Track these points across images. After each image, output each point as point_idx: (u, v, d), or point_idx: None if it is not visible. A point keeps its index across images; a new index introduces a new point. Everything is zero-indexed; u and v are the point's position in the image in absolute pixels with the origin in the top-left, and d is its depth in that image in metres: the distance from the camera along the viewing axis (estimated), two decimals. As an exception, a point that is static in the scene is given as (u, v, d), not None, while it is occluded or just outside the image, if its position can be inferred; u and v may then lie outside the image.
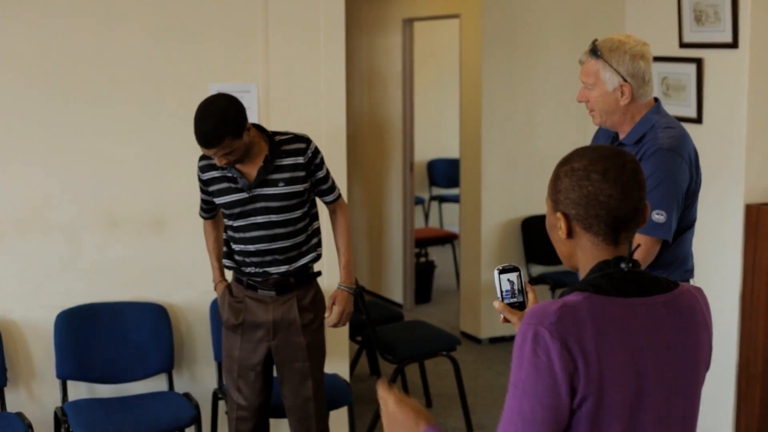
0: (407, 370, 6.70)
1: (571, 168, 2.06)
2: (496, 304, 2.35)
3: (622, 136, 3.74)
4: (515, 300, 2.37)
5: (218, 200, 4.33)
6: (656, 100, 3.79)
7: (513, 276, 2.37)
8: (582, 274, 2.09)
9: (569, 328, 1.92)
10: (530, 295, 2.38)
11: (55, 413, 4.79)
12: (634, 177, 2.04)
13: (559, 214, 2.08)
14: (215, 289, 4.61)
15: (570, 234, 2.08)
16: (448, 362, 6.35)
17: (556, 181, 2.09)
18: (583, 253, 2.09)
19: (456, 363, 6.06)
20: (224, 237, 4.49)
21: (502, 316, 2.38)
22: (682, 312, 2.07)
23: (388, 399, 2.17)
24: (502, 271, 2.36)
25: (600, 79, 3.68)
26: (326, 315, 4.56)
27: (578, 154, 2.09)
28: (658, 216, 3.56)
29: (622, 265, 2.03)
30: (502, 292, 2.36)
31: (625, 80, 3.64)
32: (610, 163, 2.03)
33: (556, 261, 7.04)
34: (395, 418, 2.14)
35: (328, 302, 4.55)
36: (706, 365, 2.12)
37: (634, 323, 1.99)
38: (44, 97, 4.87)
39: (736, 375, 5.48)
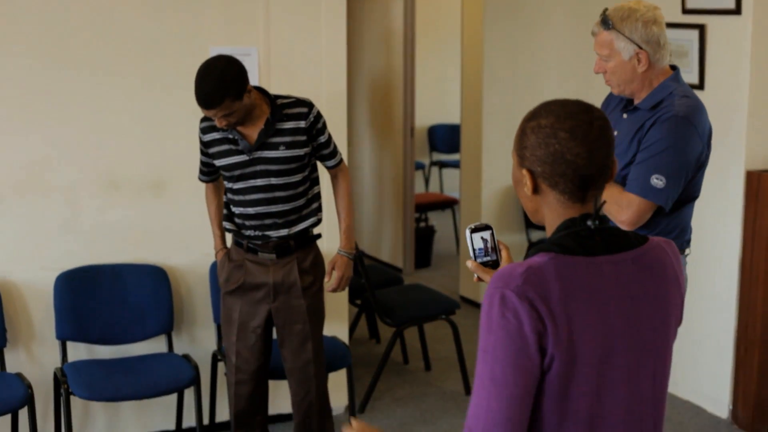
0: (406, 333, 6.71)
1: (538, 124, 2.02)
2: (469, 263, 2.32)
3: (637, 102, 3.72)
4: (488, 258, 2.33)
5: (218, 162, 4.32)
6: (675, 68, 3.76)
7: (486, 234, 2.33)
8: (548, 232, 2.06)
9: (536, 289, 1.90)
10: (504, 253, 2.35)
11: (55, 374, 4.80)
12: (602, 134, 2.00)
13: (524, 171, 2.05)
14: (216, 257, 4.61)
15: (536, 190, 2.05)
16: (447, 326, 6.35)
17: (522, 137, 2.05)
18: (549, 210, 2.05)
19: (455, 327, 6.08)
20: (224, 200, 4.48)
21: (476, 275, 2.36)
22: (651, 268, 2.04)
23: (354, 428, 2.14)
24: (474, 230, 2.33)
25: (615, 49, 3.65)
26: (326, 280, 4.57)
27: (545, 110, 2.04)
28: (657, 180, 3.55)
29: (589, 223, 2.00)
30: (474, 251, 2.32)
31: (641, 48, 3.61)
32: (577, 120, 1.99)
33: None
34: None
35: (327, 267, 4.55)
36: (678, 321, 2.10)
37: (601, 282, 1.97)
38: (44, 59, 4.85)
39: (735, 341, 5.49)
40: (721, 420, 5.60)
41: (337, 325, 5.49)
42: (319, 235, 4.52)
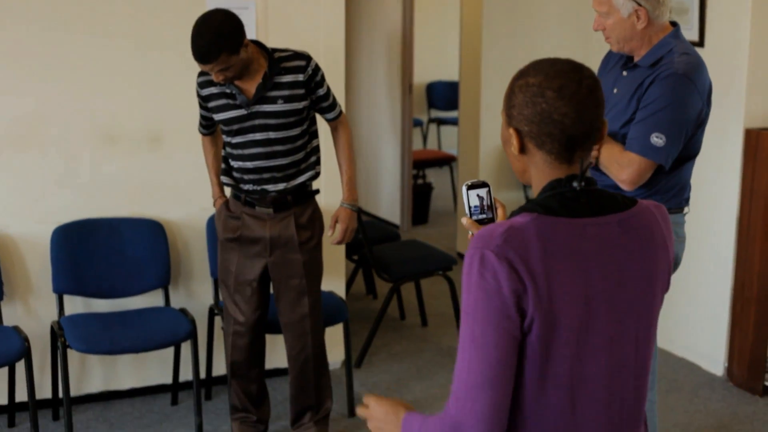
0: (403, 289, 6.73)
1: (526, 83, 1.99)
2: (464, 220, 2.29)
3: (637, 59, 3.70)
4: (484, 216, 2.30)
5: (217, 116, 4.31)
6: (675, 25, 3.74)
7: (482, 192, 2.30)
8: (535, 192, 2.04)
9: (516, 249, 1.88)
10: (499, 211, 2.32)
11: (52, 327, 4.81)
12: (590, 94, 1.97)
13: (511, 130, 2.02)
14: (214, 205, 4.61)
15: (523, 150, 2.03)
16: (443, 282, 6.37)
17: (511, 96, 2.02)
18: (536, 170, 2.03)
19: (452, 282, 6.09)
20: (223, 154, 4.47)
21: (470, 232, 2.35)
22: (638, 231, 2.02)
23: (369, 402, 2.16)
24: (470, 187, 2.29)
25: (613, 6, 3.62)
26: (329, 233, 4.57)
27: (534, 68, 2.01)
28: (656, 139, 3.53)
29: (575, 184, 1.98)
30: (470, 208, 2.29)
31: (640, 4, 3.58)
32: (566, 79, 1.96)
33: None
34: (378, 417, 2.13)
35: (330, 220, 4.55)
36: (664, 286, 2.07)
37: (584, 244, 1.94)
38: (42, 12, 4.81)
39: (731, 299, 5.50)
40: (716, 377, 5.63)
41: (334, 281, 5.50)
42: (317, 191, 4.51)
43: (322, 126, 4.67)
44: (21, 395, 4.85)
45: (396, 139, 9.03)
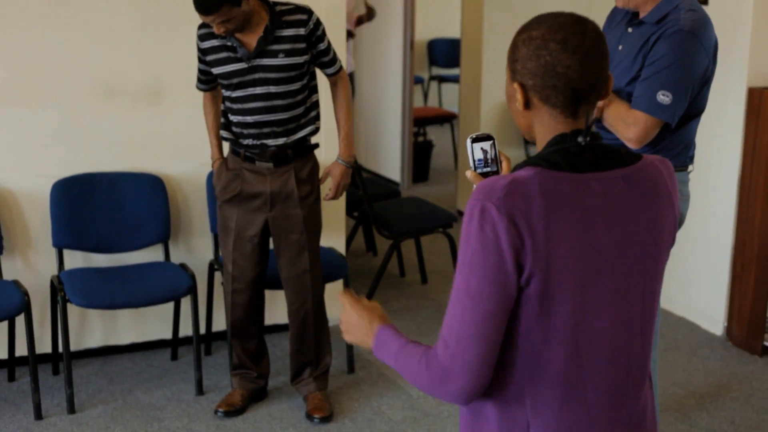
0: (403, 246, 6.73)
1: (529, 36, 1.96)
2: (469, 173, 2.26)
3: (642, 15, 3.66)
4: (489, 169, 2.27)
5: (216, 70, 4.28)
6: None
7: (486, 145, 2.26)
8: (539, 147, 2.02)
9: (517, 203, 1.86)
10: (504, 165, 2.29)
11: (52, 282, 4.80)
12: (595, 46, 1.94)
13: (516, 85, 1.99)
14: (212, 166, 4.58)
15: (527, 105, 2.00)
16: (443, 239, 6.36)
17: (514, 50, 1.99)
18: (540, 125, 2.00)
19: (452, 239, 6.08)
20: (222, 108, 4.45)
21: (474, 186, 2.33)
22: (643, 186, 1.99)
23: (344, 301, 2.16)
24: (475, 140, 2.26)
25: None
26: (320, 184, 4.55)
27: (537, 21, 1.98)
28: (663, 97, 3.51)
29: (579, 139, 1.95)
30: (474, 161, 2.27)
31: None
32: (569, 31, 1.93)
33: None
34: (350, 320, 2.13)
35: (322, 174, 4.54)
36: (670, 242, 2.05)
37: (588, 199, 1.92)
38: (39, -39, 4.78)
39: (731, 258, 5.50)
40: (715, 337, 5.63)
41: (334, 237, 5.49)
42: (316, 145, 4.49)
43: (322, 82, 4.64)
44: (21, 350, 4.86)
45: (397, 96, 9.00)
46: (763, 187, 5.25)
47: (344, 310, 2.15)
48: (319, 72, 4.50)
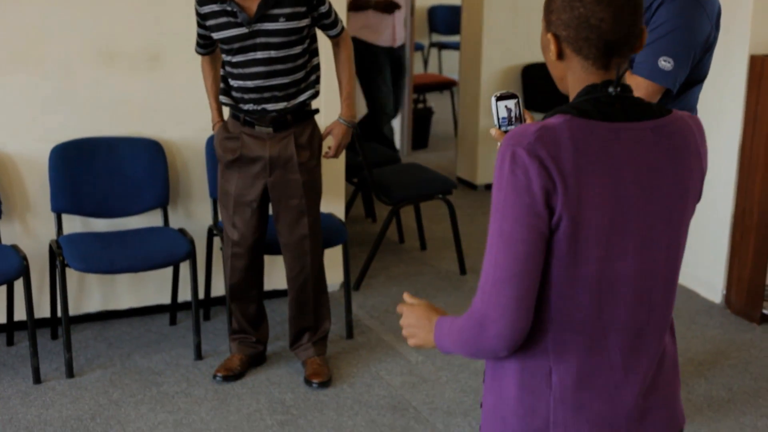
0: (402, 213, 6.73)
1: None
2: (493, 131, 2.30)
3: None
4: (512, 128, 2.29)
5: (217, 35, 4.25)
6: None
7: (510, 103, 2.29)
8: (571, 97, 2.05)
9: (548, 147, 1.89)
10: (528, 123, 2.33)
11: (50, 246, 4.80)
12: (628, 0, 1.96)
13: (550, 35, 2.03)
14: (213, 129, 4.57)
15: (560, 56, 2.03)
16: (443, 206, 6.36)
17: (550, 1, 2.03)
18: (573, 76, 2.03)
19: (451, 206, 6.08)
20: (221, 73, 4.43)
21: (498, 143, 2.34)
22: (672, 139, 2.02)
23: (402, 310, 2.20)
24: (499, 98, 2.29)
25: None
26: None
27: None
28: (665, 63, 3.50)
29: (610, 89, 1.98)
30: (499, 119, 2.29)
31: None
32: None
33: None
34: (410, 323, 2.17)
35: (323, 133, 4.53)
36: (696, 196, 2.08)
37: (616, 147, 1.95)
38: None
39: (731, 226, 5.49)
40: (714, 305, 5.64)
41: (333, 203, 5.48)
42: (316, 110, 4.48)
43: (323, 45, 4.62)
44: (20, 314, 4.86)
45: (397, 62, 8.95)
46: (763, 155, 5.24)
47: (404, 317, 2.19)
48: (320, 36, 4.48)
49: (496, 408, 2.08)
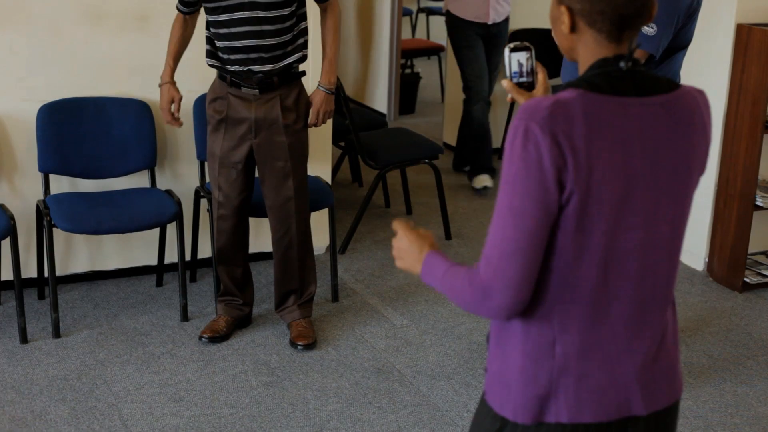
0: (388, 178, 6.74)
1: None
2: (504, 82, 2.33)
3: None
4: (525, 80, 2.31)
5: None
6: None
7: (523, 57, 2.30)
8: (581, 70, 2.07)
9: (560, 123, 1.91)
10: (540, 76, 2.35)
11: (37, 206, 4.81)
12: None
13: (563, 8, 2.04)
14: (159, 86, 4.55)
15: (573, 28, 2.05)
16: (429, 172, 6.37)
17: None
18: (584, 49, 2.06)
19: (438, 171, 6.09)
20: (207, 35, 4.41)
21: (509, 95, 2.37)
22: (679, 113, 2.05)
23: (398, 228, 2.21)
24: (513, 50, 2.29)
25: None
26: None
27: None
28: (648, 28, 3.52)
29: (621, 64, 2.01)
30: (511, 71, 2.30)
31: None
32: None
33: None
34: (401, 247, 2.19)
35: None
36: (701, 170, 2.11)
37: (627, 122, 1.98)
38: None
39: (714, 194, 5.53)
40: (696, 272, 5.68)
41: (320, 165, 5.50)
42: (303, 72, 4.48)
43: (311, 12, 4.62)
44: (6, 274, 4.87)
45: (385, 28, 8.94)
46: (748, 124, 5.26)
47: (397, 237, 2.21)
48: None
49: (500, 374, 2.11)
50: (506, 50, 2.29)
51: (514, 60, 2.30)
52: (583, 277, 2.00)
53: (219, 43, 4.32)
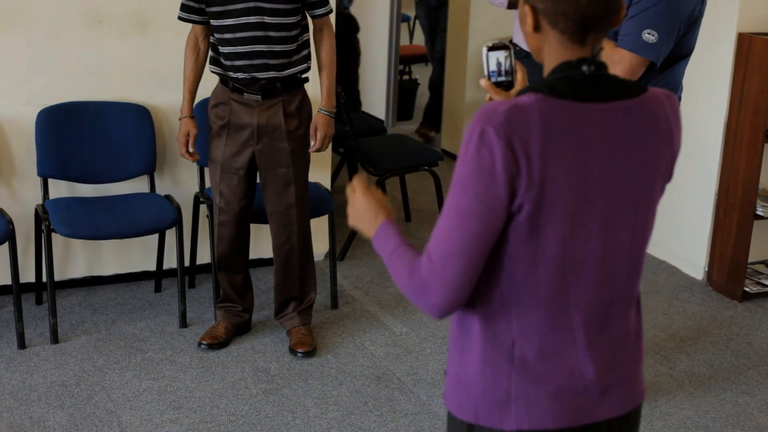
0: (388, 183, 6.72)
1: None
2: (483, 82, 2.28)
3: None
4: (503, 79, 2.26)
5: None
6: None
7: (501, 56, 2.26)
8: (545, 72, 2.03)
9: (516, 129, 1.88)
10: (519, 75, 2.29)
11: (36, 211, 4.79)
12: None
13: (527, 7, 2.00)
14: (179, 120, 4.53)
15: (537, 28, 2.01)
16: (428, 178, 6.36)
17: None
18: (549, 50, 2.01)
19: (437, 178, 6.08)
20: (211, 41, 4.40)
21: (488, 95, 2.33)
22: (643, 119, 2.00)
23: (357, 188, 2.19)
24: (491, 49, 2.25)
25: None
26: (311, 143, 4.51)
27: None
28: (648, 35, 3.50)
29: (584, 68, 1.96)
30: (489, 70, 2.27)
31: None
32: None
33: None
34: (358, 207, 2.17)
35: (311, 129, 4.49)
36: (666, 176, 2.07)
37: (586, 129, 1.93)
38: None
39: (714, 204, 5.52)
40: (696, 281, 5.68)
41: (320, 172, 5.48)
42: (306, 79, 4.47)
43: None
44: (4, 279, 4.86)
45: (383, 34, 8.93)
46: (748, 133, 5.26)
47: (354, 197, 2.19)
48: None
49: (459, 377, 2.09)
50: (484, 49, 2.24)
51: (492, 59, 2.25)
52: (541, 283, 1.98)
53: (223, 49, 4.30)
